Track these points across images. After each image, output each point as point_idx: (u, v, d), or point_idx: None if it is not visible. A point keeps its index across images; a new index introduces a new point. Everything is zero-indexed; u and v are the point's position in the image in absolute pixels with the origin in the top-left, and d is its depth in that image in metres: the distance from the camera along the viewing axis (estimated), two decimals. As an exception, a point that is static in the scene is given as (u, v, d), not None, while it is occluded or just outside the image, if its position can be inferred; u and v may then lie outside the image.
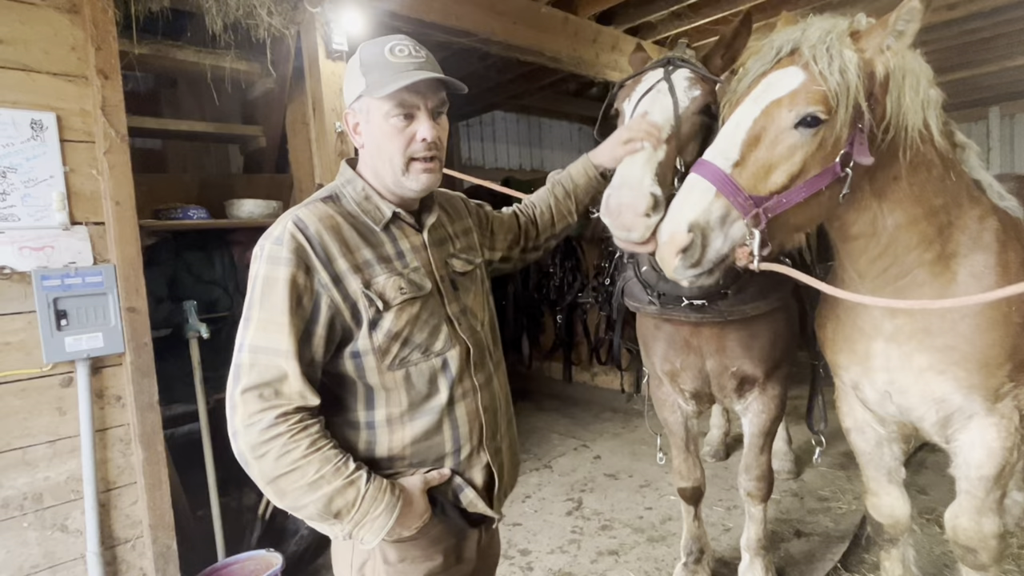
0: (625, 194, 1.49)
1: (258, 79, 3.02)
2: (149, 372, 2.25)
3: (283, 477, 1.04)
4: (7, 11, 1.99)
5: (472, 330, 1.29)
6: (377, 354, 1.14)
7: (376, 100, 1.15)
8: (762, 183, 1.32)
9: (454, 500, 1.23)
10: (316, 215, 1.14)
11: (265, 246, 1.11)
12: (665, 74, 1.73)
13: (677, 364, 2.15)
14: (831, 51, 1.30)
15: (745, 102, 1.38)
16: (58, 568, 2.08)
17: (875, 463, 1.92)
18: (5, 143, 1.98)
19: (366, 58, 1.18)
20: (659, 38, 4.44)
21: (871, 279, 1.58)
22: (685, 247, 1.30)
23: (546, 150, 8.79)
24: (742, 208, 1.30)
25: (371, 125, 1.19)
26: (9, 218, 1.99)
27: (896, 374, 1.64)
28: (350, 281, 1.12)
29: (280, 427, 1.03)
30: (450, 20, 3.25)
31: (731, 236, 1.32)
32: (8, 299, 1.99)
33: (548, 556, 2.87)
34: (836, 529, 2.93)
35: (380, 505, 1.08)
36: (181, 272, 3.03)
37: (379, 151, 1.19)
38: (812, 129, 1.31)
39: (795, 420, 3.89)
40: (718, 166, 1.32)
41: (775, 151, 1.32)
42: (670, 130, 1.62)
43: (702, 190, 1.32)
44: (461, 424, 1.23)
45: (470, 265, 1.36)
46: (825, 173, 1.33)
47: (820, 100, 1.29)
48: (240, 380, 1.06)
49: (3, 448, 1.99)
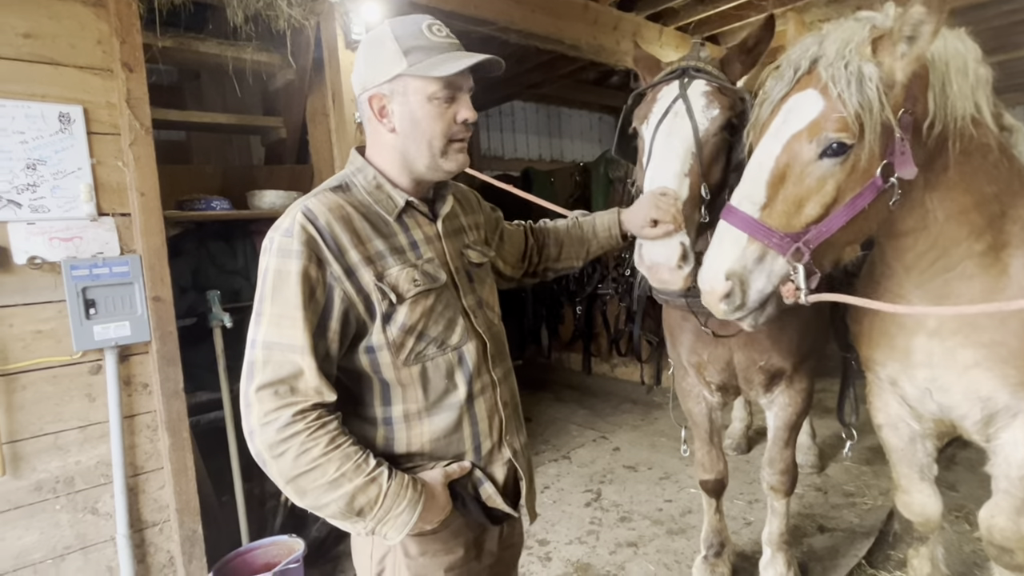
0: (657, 253, 1.51)
1: (279, 71, 3.04)
2: (174, 360, 2.30)
3: (303, 476, 1.01)
4: (36, 6, 2.03)
5: (489, 323, 1.27)
6: (392, 349, 1.11)
7: (420, 80, 1.11)
8: (795, 219, 1.28)
9: (474, 494, 1.21)
10: (326, 205, 1.10)
11: (275, 238, 1.08)
12: (681, 89, 1.66)
13: (704, 356, 2.12)
14: (849, 68, 1.23)
15: (766, 136, 1.34)
16: (89, 549, 2.15)
17: (907, 460, 1.87)
18: (35, 136, 2.02)
19: (403, 36, 1.12)
20: (682, 24, 4.35)
21: (918, 272, 1.52)
22: (726, 294, 1.31)
23: (566, 140, 8.72)
24: (779, 248, 1.28)
25: (408, 107, 1.13)
26: (39, 209, 2.04)
27: (938, 371, 1.59)
28: (362, 273, 1.08)
29: (298, 425, 1.01)
30: (469, 9, 3.23)
31: (774, 273, 1.31)
32: (39, 288, 2.04)
33: (566, 547, 2.87)
34: (861, 525, 2.88)
35: (403, 501, 1.06)
36: (205, 262, 3.07)
37: (418, 133, 1.14)
38: (839, 157, 1.26)
39: (819, 414, 3.83)
40: (746, 212, 1.30)
41: (803, 186, 1.28)
42: (692, 159, 1.58)
43: (733, 239, 1.30)
44: (481, 420, 1.21)
45: (485, 257, 1.34)
46: (866, 191, 1.28)
47: (842, 127, 1.23)
48: (254, 377, 1.03)
49: (36, 433, 2.05)
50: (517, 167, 6.86)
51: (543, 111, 8.35)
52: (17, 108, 1.99)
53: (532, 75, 5.90)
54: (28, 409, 2.03)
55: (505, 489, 1.26)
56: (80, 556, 2.13)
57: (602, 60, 4.23)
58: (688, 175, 1.58)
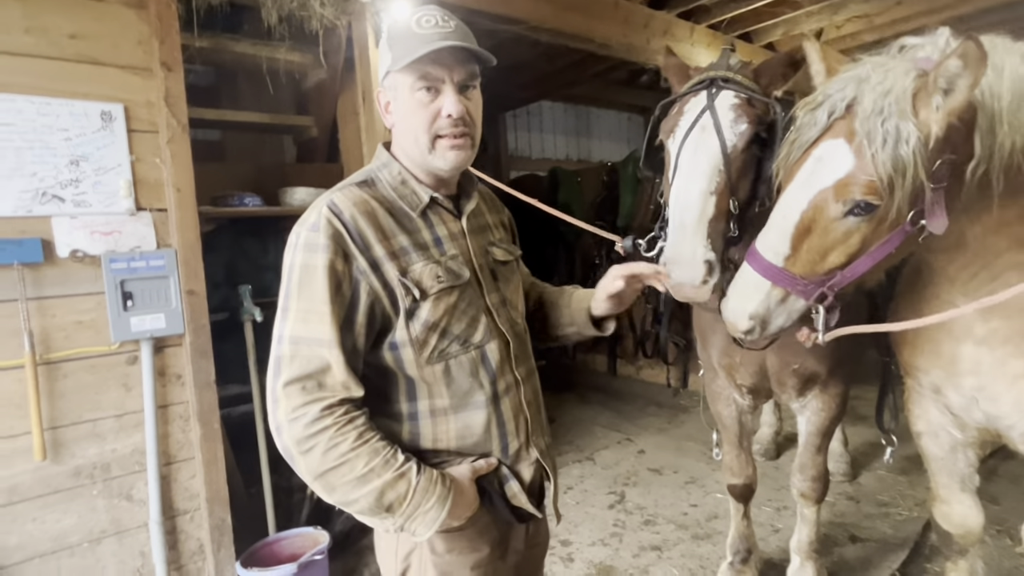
0: (681, 272, 1.50)
1: (310, 70, 3.09)
2: (207, 353, 2.35)
3: (332, 472, 1.00)
4: (81, 8, 2.10)
5: (512, 322, 1.25)
6: (415, 346, 1.10)
7: (401, 74, 1.10)
8: (819, 267, 1.30)
9: (500, 491, 1.19)
10: (351, 200, 1.09)
11: (301, 233, 1.07)
12: (709, 100, 1.62)
13: (736, 358, 2.08)
14: (886, 125, 1.17)
15: (793, 184, 1.32)
16: (124, 535, 2.21)
17: (947, 469, 1.81)
18: (78, 133, 2.09)
19: (393, 31, 1.13)
20: (714, 21, 4.28)
21: (962, 283, 1.48)
22: (747, 331, 1.37)
23: (594, 140, 8.66)
24: (803, 294, 1.32)
25: (399, 102, 1.13)
26: (82, 204, 2.11)
27: (986, 380, 1.53)
28: (387, 268, 1.07)
29: (326, 420, 1.00)
30: (500, 8, 3.23)
31: (794, 311, 1.35)
32: (80, 281, 2.11)
33: (589, 548, 2.85)
34: (895, 536, 2.78)
35: (432, 497, 1.05)
36: (237, 257, 3.14)
37: (406, 128, 1.14)
38: (866, 216, 1.24)
39: (852, 421, 3.72)
40: (770, 261, 1.31)
41: (828, 239, 1.28)
42: (719, 175, 1.56)
43: (757, 284, 1.34)
44: (508, 420, 1.19)
45: (510, 256, 1.32)
46: (893, 237, 1.26)
47: (871, 191, 1.21)
48: (281, 373, 1.02)
49: (76, 420, 2.12)
50: (544, 167, 6.84)
51: (571, 111, 8.31)
52: (62, 106, 2.06)
53: (561, 75, 5.88)
54: (68, 397, 2.10)
55: (531, 489, 1.24)
56: (115, 540, 2.19)
57: (632, 59, 4.19)
58: (714, 193, 1.55)
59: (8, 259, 1.95)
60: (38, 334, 2.02)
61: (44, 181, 2.04)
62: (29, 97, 2.00)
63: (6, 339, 1.98)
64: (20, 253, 1.97)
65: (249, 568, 2.35)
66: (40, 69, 2.03)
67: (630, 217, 4.96)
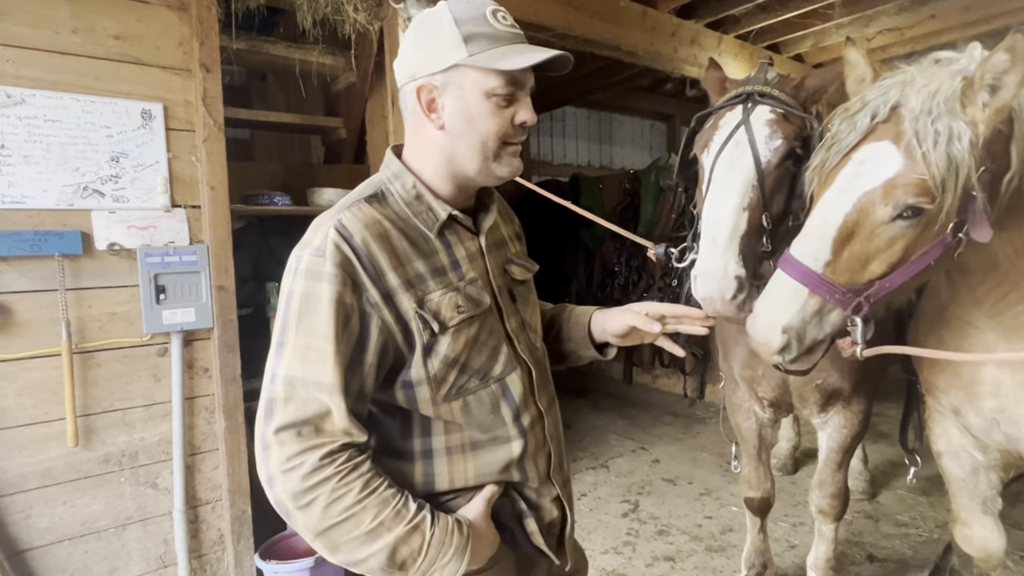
0: (711, 287, 1.50)
1: (341, 73, 3.15)
2: (234, 347, 2.41)
3: (335, 528, 0.88)
4: (127, 10, 2.17)
5: (532, 347, 1.14)
6: (432, 384, 0.98)
7: (481, 72, 0.96)
8: (859, 275, 1.23)
9: (521, 526, 1.10)
10: (361, 220, 0.95)
11: (303, 257, 0.93)
12: (744, 115, 1.61)
13: (758, 371, 2.07)
14: (937, 125, 1.14)
15: (834, 188, 1.26)
16: (148, 522, 2.27)
17: (969, 491, 1.78)
18: (120, 130, 2.17)
19: (465, 20, 0.96)
20: (742, 32, 4.27)
21: (989, 305, 1.45)
22: (780, 349, 1.27)
23: (616, 146, 8.66)
24: (841, 303, 1.24)
25: (464, 101, 0.98)
26: (120, 199, 2.18)
27: (1007, 402, 1.51)
28: (402, 299, 0.95)
29: (327, 470, 0.87)
30: (528, 15, 3.26)
31: (829, 323, 1.28)
32: (117, 273, 2.18)
33: (602, 556, 2.85)
34: (914, 557, 2.74)
35: (449, 550, 0.94)
36: (264, 255, 3.20)
37: (471, 132, 0.99)
38: (913, 219, 1.18)
39: (872, 439, 3.67)
40: (808, 266, 1.24)
41: (871, 245, 1.22)
42: (752, 191, 1.55)
43: (793, 292, 1.25)
44: (528, 456, 1.08)
45: (528, 273, 1.21)
46: (934, 248, 1.21)
47: (922, 192, 1.15)
48: (273, 417, 0.90)
49: (107, 408, 2.18)
50: (566, 173, 6.86)
51: (594, 117, 8.32)
52: (105, 104, 2.13)
53: (586, 81, 5.90)
54: (100, 386, 2.16)
55: (551, 526, 1.15)
56: (140, 527, 2.25)
57: (658, 67, 4.19)
58: (747, 209, 1.55)
59: (50, 250, 2.02)
60: (75, 324, 2.09)
61: (86, 176, 2.11)
62: (75, 95, 2.08)
63: (45, 328, 2.05)
64: (61, 245, 2.04)
65: (267, 560, 2.40)
66: (86, 68, 2.10)
67: (651, 225, 4.94)
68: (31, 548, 2.05)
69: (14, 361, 2.00)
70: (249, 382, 2.44)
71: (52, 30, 2.04)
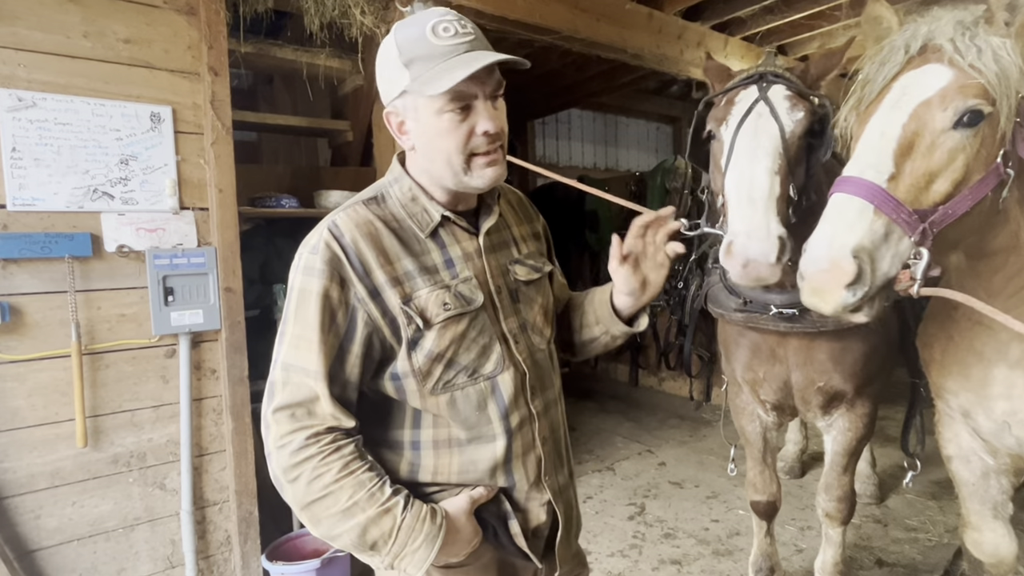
0: (754, 247, 1.41)
1: (348, 76, 3.16)
2: (241, 349, 2.42)
3: (316, 503, 0.96)
4: (136, 14, 2.19)
5: (532, 348, 1.14)
6: (418, 377, 1.03)
7: (423, 96, 0.98)
8: (924, 195, 1.16)
9: (505, 527, 1.11)
10: (353, 221, 1.02)
11: (303, 255, 1.02)
12: (761, 92, 1.62)
13: (760, 374, 2.06)
14: (976, 41, 1.15)
15: (881, 109, 1.22)
16: (156, 522, 2.28)
17: (979, 495, 1.76)
18: (129, 133, 2.18)
19: (405, 45, 0.99)
20: (748, 34, 4.26)
21: (1004, 298, 1.42)
22: (853, 279, 1.10)
23: (621, 149, 8.65)
24: (907, 225, 1.13)
25: (421, 124, 1.02)
26: (129, 201, 2.19)
27: (1019, 404, 1.48)
28: (388, 295, 1.00)
29: (311, 448, 0.95)
30: (534, 18, 3.26)
31: (899, 255, 1.15)
32: (125, 275, 2.20)
33: (608, 559, 2.84)
34: (924, 562, 2.72)
35: (419, 536, 0.97)
36: (272, 257, 3.22)
37: (434, 152, 1.03)
38: (973, 128, 1.16)
39: (881, 442, 3.65)
40: (872, 181, 1.15)
41: (934, 158, 1.17)
42: (780, 158, 1.53)
43: (858, 209, 1.14)
44: (515, 458, 1.10)
45: (536, 273, 1.20)
46: (989, 175, 1.19)
47: (980, 93, 1.14)
48: (274, 398, 0.99)
49: (116, 409, 2.20)
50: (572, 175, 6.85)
51: (600, 119, 8.32)
52: (115, 107, 2.15)
53: (592, 84, 5.89)
54: (109, 387, 2.18)
55: (539, 530, 1.15)
56: (148, 528, 2.26)
57: (665, 69, 4.18)
58: (778, 173, 1.52)
59: (60, 252, 2.04)
60: (84, 325, 2.11)
61: (95, 179, 2.13)
62: (85, 99, 2.10)
63: (55, 329, 2.06)
64: (71, 247, 2.06)
65: (274, 562, 2.41)
66: (96, 72, 2.12)
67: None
68: (40, 548, 2.06)
69: (24, 362, 2.02)
70: (256, 383, 2.45)
71: (63, 34, 2.06)
